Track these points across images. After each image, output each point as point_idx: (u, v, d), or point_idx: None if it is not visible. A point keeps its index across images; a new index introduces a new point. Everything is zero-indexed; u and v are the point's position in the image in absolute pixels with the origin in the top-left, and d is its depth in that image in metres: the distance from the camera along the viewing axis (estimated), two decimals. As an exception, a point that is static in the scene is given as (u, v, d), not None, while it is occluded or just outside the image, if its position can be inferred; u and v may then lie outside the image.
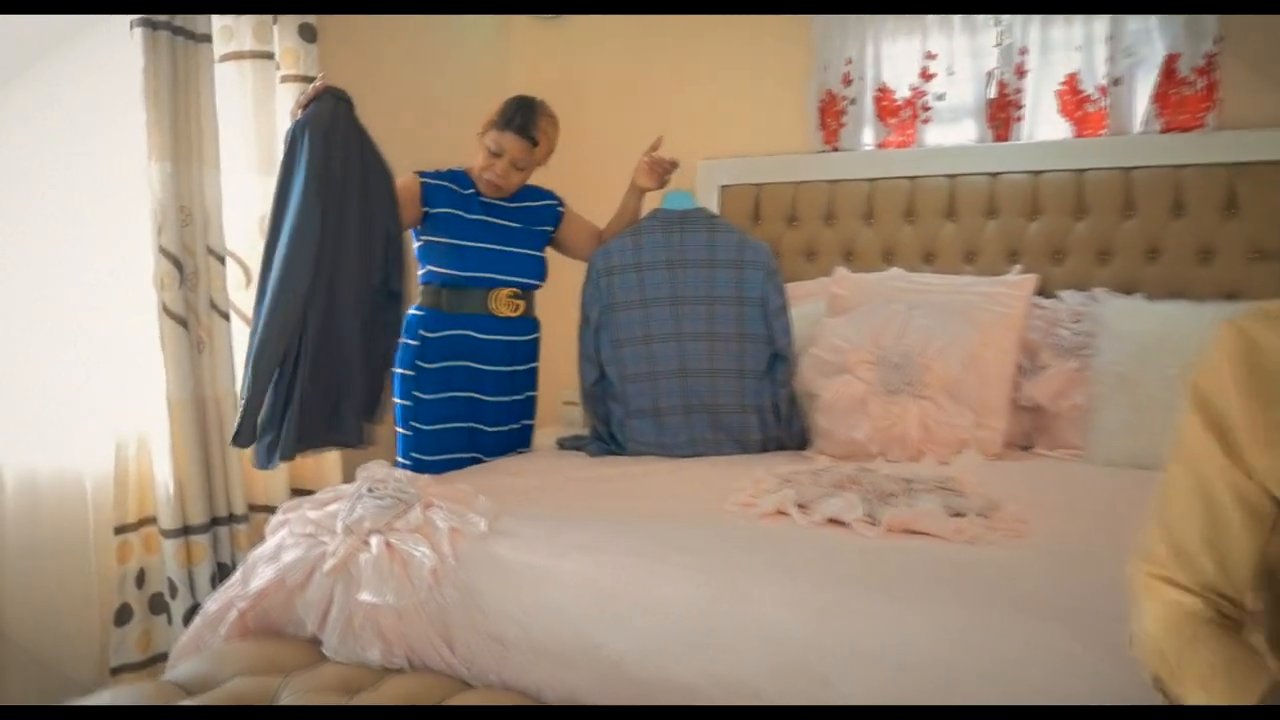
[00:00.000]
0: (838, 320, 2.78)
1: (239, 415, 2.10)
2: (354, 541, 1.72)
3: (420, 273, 2.66)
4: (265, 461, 2.12)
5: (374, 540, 1.71)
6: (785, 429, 2.72)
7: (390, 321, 2.36)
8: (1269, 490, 0.99)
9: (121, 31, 2.35)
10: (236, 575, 1.85)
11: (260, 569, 1.80)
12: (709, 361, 2.67)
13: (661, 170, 2.76)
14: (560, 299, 2.90)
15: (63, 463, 2.40)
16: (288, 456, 2.10)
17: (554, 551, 1.64)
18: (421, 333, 2.60)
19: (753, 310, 2.70)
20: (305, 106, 2.26)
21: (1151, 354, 2.57)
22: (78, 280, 2.39)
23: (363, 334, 2.22)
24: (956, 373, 2.58)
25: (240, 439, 2.09)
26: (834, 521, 1.79)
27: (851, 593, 1.46)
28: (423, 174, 2.66)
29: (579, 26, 3.90)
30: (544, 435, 3.02)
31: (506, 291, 2.65)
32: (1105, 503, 2.13)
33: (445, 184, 2.66)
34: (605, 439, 2.68)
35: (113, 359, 2.44)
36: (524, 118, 2.59)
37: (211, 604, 1.86)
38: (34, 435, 2.33)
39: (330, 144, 2.20)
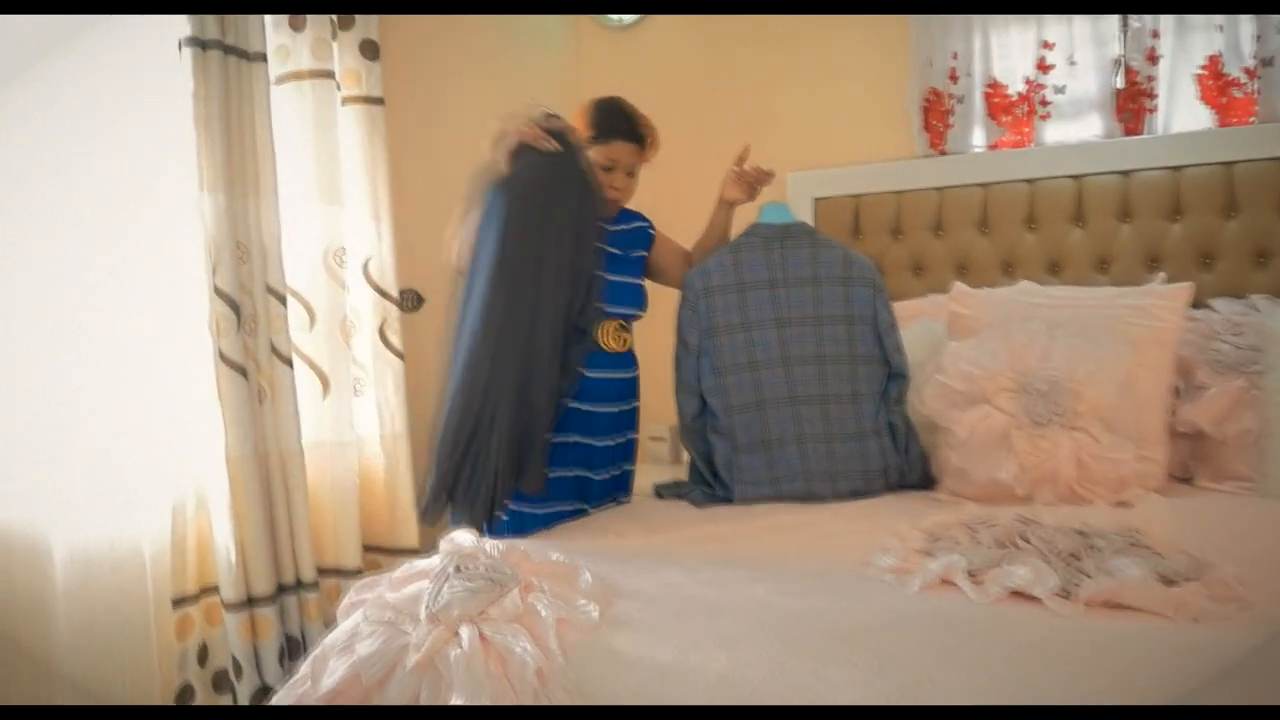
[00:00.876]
0: (966, 343, 2.46)
1: (429, 490, 1.93)
2: (441, 632, 1.44)
3: None
4: (451, 522, 1.95)
5: (465, 631, 1.43)
6: (903, 455, 2.42)
7: (573, 359, 2.14)
8: None
9: (159, 49, 2.15)
10: (305, 668, 1.59)
11: (332, 662, 1.54)
12: (820, 386, 2.38)
13: (752, 181, 2.51)
14: (640, 326, 2.63)
15: (117, 529, 2.18)
16: (480, 522, 1.91)
17: (684, 645, 1.35)
18: None
19: (863, 329, 2.43)
20: (514, 152, 2.11)
21: (1339, 370, 2.22)
22: (129, 329, 2.18)
23: (553, 377, 2.05)
24: (1112, 399, 2.25)
25: (429, 516, 1.93)
26: (1017, 595, 1.47)
27: (1066, 694, 1.15)
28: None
29: (651, 34, 3.65)
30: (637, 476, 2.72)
31: (614, 324, 2.37)
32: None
33: None
34: (709, 481, 2.39)
35: (167, 412, 2.22)
36: (623, 119, 2.38)
37: (278, 701, 1.60)
38: (85, 500, 2.13)
39: (536, 206, 2.04)
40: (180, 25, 2.13)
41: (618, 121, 2.36)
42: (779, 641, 1.32)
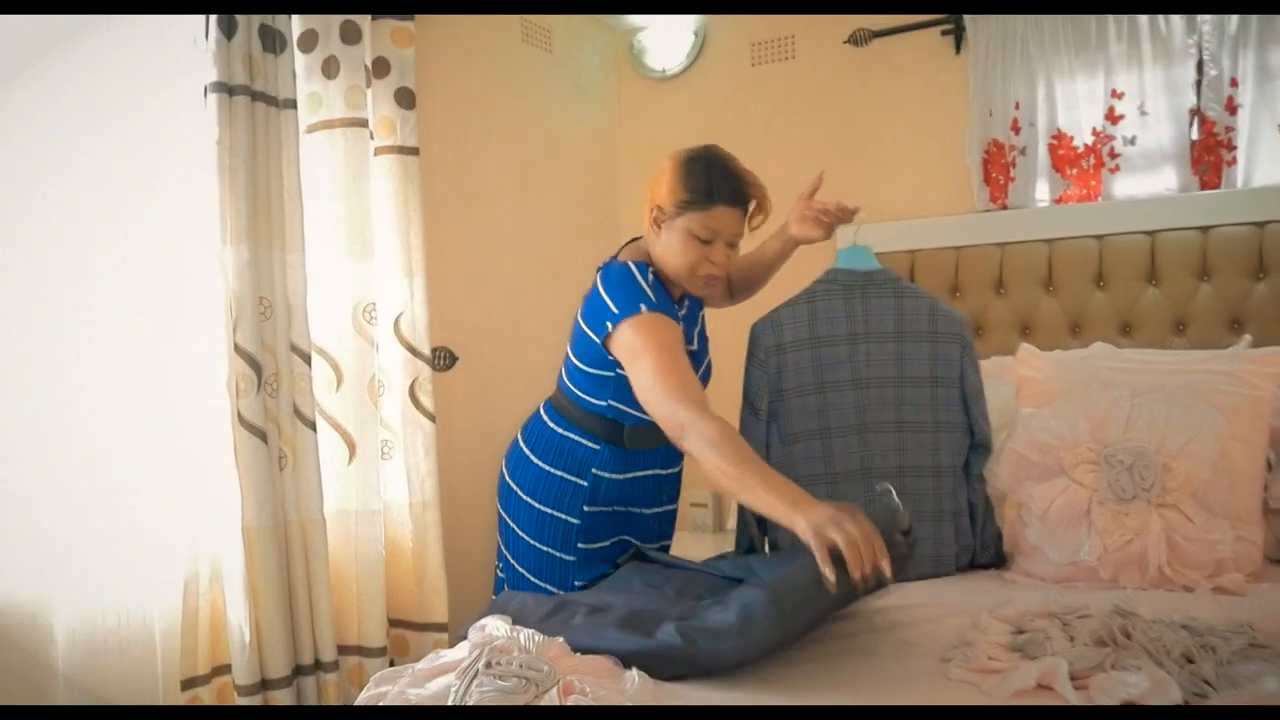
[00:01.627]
0: (1041, 410, 2.27)
1: None
2: (470, 739, 1.27)
3: (590, 399, 1.99)
4: None
5: (496, 739, 1.26)
6: (980, 536, 2.23)
7: None
8: None
9: (183, 95, 2.04)
10: (318, 773, 1.42)
11: (347, 768, 1.37)
12: (898, 458, 2.17)
13: (830, 221, 2.14)
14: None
15: (125, 604, 2.03)
16: None
17: (748, 764, 1.17)
18: (596, 472, 2.00)
19: (948, 392, 2.20)
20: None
21: None
22: (143, 385, 2.04)
23: None
24: (1206, 474, 2.05)
25: None
26: (1129, 704, 1.28)
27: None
28: (651, 306, 1.86)
29: (694, 85, 3.54)
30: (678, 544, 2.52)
31: None
32: None
33: (664, 298, 1.96)
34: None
35: (180, 478, 2.07)
36: (727, 179, 1.91)
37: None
38: (90, 572, 1.97)
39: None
40: (206, 70, 2.03)
41: (721, 182, 1.90)
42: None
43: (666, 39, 3.56)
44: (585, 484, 1.99)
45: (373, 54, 2.41)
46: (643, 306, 1.85)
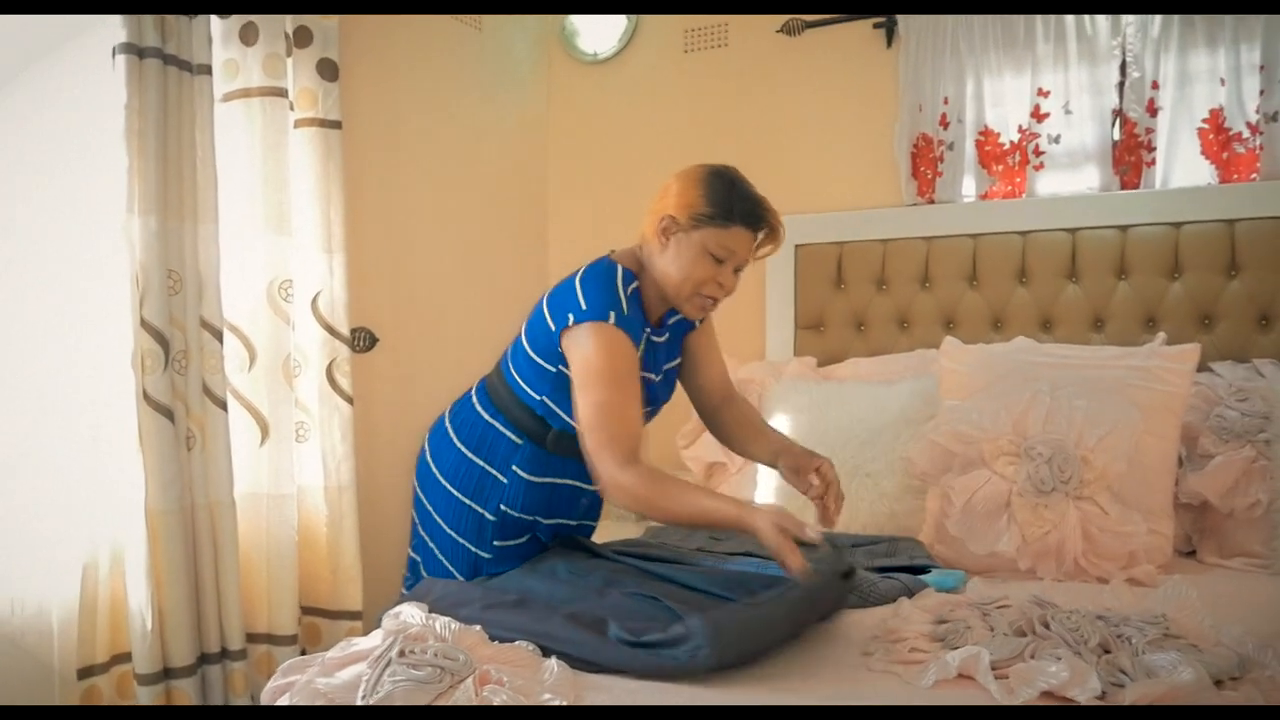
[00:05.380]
0: (963, 403, 2.29)
1: None
2: (380, 730, 1.22)
3: (526, 389, 1.90)
4: None
5: (408, 730, 1.21)
6: None
7: None
8: None
9: (95, 59, 1.94)
10: (219, 766, 1.36)
11: (251, 760, 1.31)
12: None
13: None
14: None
15: (21, 591, 1.92)
16: None
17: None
18: (515, 469, 1.91)
19: None
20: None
21: (1354, 441, 2.08)
22: (35, 360, 1.94)
23: None
24: (1122, 467, 2.09)
25: None
26: (1049, 695, 1.28)
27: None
28: (619, 320, 1.78)
29: (627, 70, 3.49)
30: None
31: None
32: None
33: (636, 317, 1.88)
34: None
35: (82, 459, 1.97)
36: (749, 201, 1.82)
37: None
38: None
39: None
40: (115, 30, 1.92)
41: (743, 202, 1.82)
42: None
43: (599, 22, 3.51)
44: (505, 481, 1.92)
45: (294, 22, 2.33)
46: (611, 316, 1.77)
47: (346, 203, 2.42)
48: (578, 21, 3.54)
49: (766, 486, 2.62)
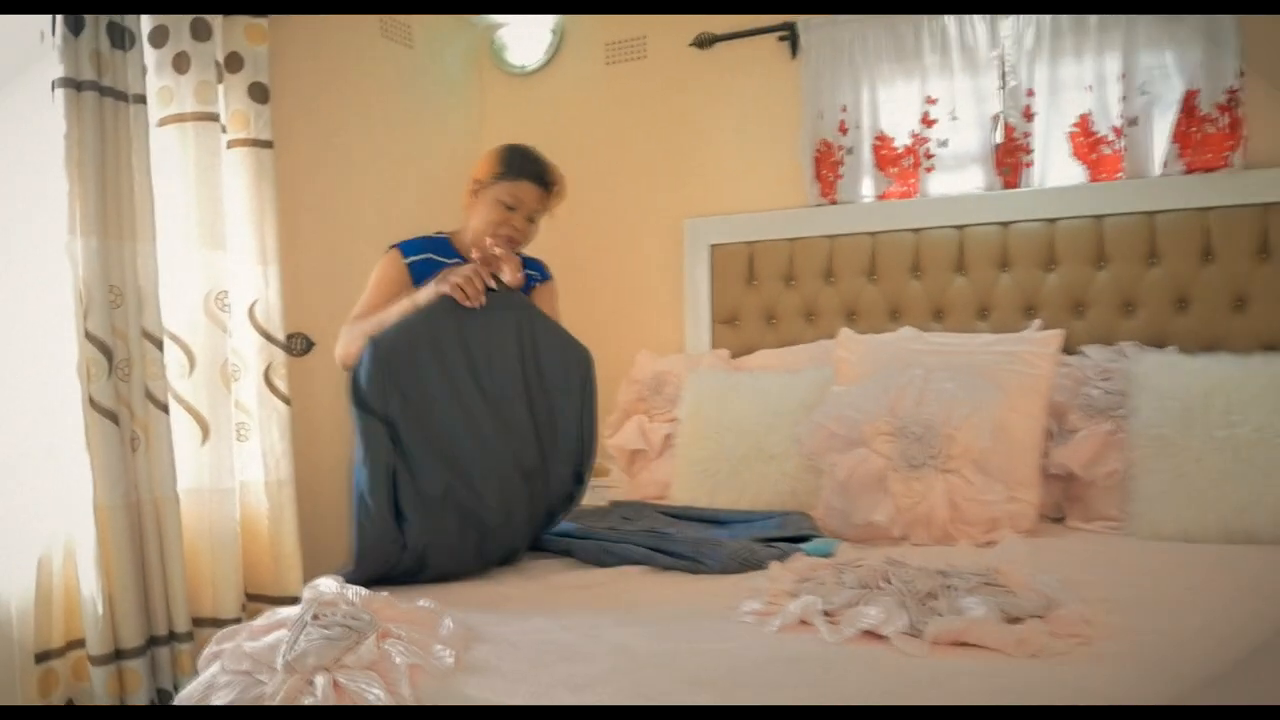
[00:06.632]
0: (848, 388, 2.52)
1: None
2: (296, 682, 1.42)
3: None
4: None
5: (319, 680, 1.41)
6: None
7: None
8: None
9: (39, 89, 2.11)
10: None
11: (187, 714, 1.50)
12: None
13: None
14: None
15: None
16: None
17: (537, 693, 1.34)
18: None
19: None
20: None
21: (1195, 414, 2.33)
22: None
23: None
24: (985, 442, 2.33)
25: None
26: (869, 634, 1.50)
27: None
28: (404, 248, 2.42)
29: (555, 81, 3.70)
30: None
31: None
32: (1165, 587, 1.87)
33: (429, 257, 2.41)
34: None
35: (33, 463, 2.15)
36: (534, 163, 2.43)
37: (131, 757, 1.56)
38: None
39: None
40: (54, 66, 2.10)
41: (528, 165, 2.42)
42: (630, 687, 1.33)
43: (526, 36, 3.71)
44: None
45: (225, 50, 2.51)
46: (393, 247, 2.43)
47: (280, 216, 2.61)
48: (506, 35, 3.73)
49: (686, 476, 2.83)
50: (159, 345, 2.28)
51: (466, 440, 2.09)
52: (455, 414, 2.09)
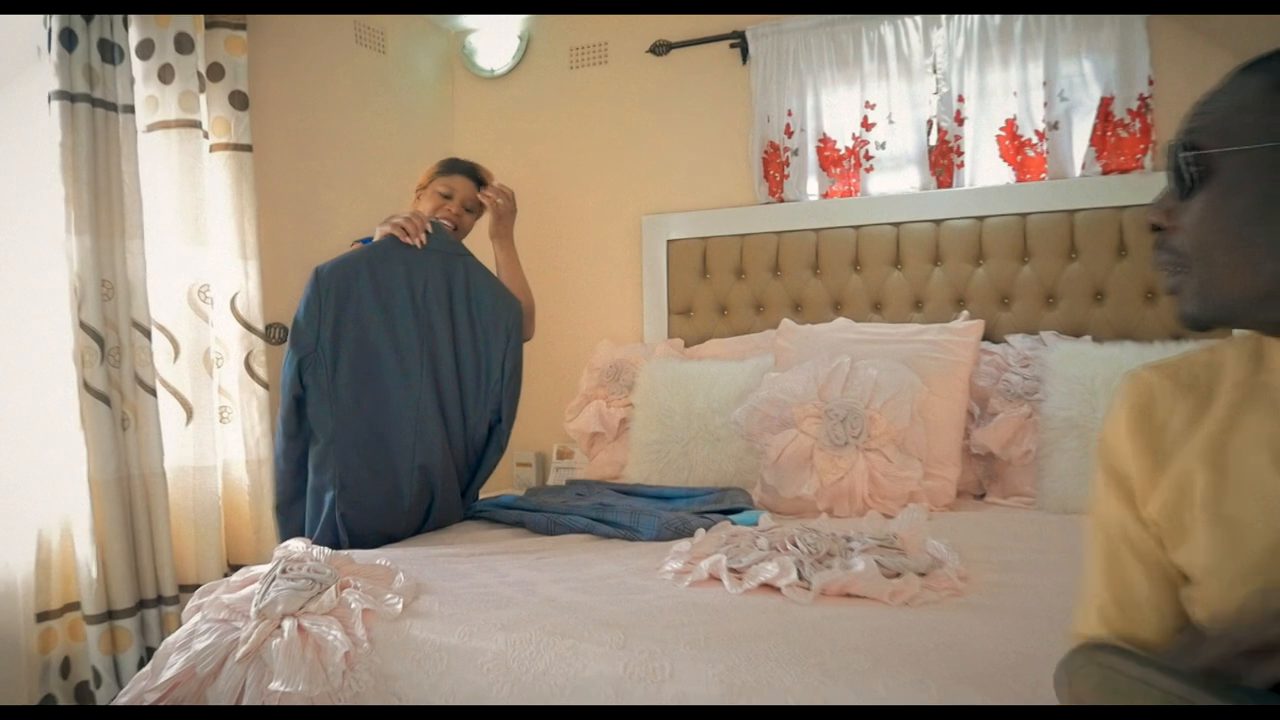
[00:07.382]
0: (782, 374, 2.74)
1: None
2: (266, 626, 1.64)
3: None
4: None
5: (286, 624, 1.63)
6: None
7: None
8: (1163, 545, 0.95)
9: (35, 98, 2.31)
10: (148, 665, 1.76)
11: (171, 657, 1.71)
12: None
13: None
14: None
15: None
16: None
17: (471, 632, 1.56)
18: None
19: None
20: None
21: (1100, 397, 2.54)
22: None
23: None
24: (904, 424, 2.54)
25: None
26: (767, 587, 1.72)
27: (779, 668, 1.39)
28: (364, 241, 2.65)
29: (521, 85, 3.90)
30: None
31: None
32: (1053, 553, 2.08)
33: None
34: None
35: (32, 444, 2.36)
36: (467, 163, 2.83)
37: (123, 696, 1.77)
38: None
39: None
40: (49, 79, 2.30)
41: (460, 164, 2.84)
42: (549, 627, 1.55)
43: (495, 41, 3.91)
44: None
45: (207, 61, 2.71)
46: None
47: (259, 215, 2.81)
48: (476, 41, 3.93)
49: (639, 457, 3.04)
50: (147, 334, 2.49)
51: (391, 357, 2.39)
52: (385, 338, 2.39)
